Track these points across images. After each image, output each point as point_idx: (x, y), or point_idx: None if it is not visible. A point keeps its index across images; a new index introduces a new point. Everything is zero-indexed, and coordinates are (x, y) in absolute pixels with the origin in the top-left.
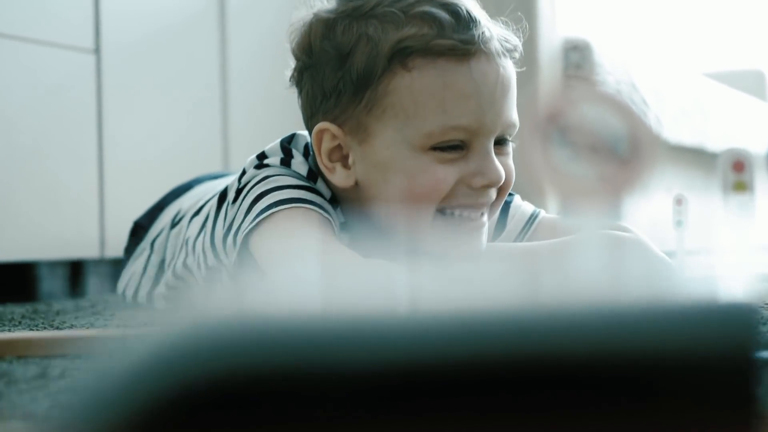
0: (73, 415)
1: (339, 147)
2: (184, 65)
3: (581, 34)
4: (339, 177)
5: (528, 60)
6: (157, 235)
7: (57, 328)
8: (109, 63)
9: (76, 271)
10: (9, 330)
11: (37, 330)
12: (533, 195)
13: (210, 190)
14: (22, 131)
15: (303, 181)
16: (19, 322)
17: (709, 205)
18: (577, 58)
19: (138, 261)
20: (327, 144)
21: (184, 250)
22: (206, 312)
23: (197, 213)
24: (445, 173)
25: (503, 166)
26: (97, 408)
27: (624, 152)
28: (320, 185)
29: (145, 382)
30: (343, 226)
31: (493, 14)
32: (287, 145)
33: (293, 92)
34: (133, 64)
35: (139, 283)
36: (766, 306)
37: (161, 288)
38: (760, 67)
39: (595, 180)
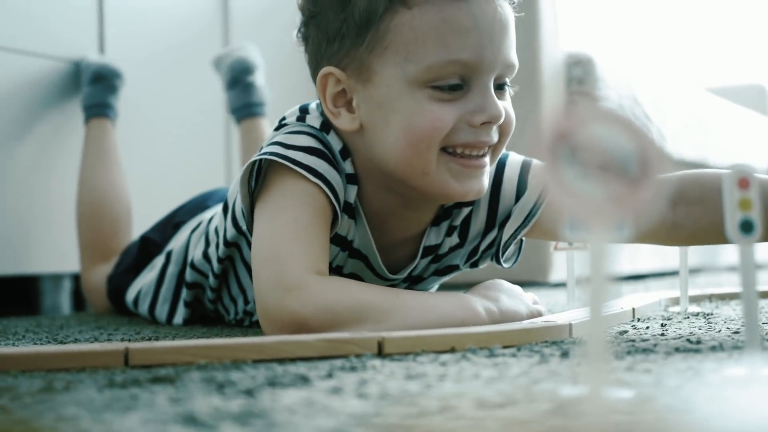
0: None
1: (343, 92)
2: (187, 82)
3: (584, 49)
4: (344, 121)
5: (530, 75)
6: (174, 247)
7: (61, 342)
8: None
9: (79, 285)
10: (13, 344)
11: (41, 344)
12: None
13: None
14: (26, 145)
15: (316, 137)
16: (23, 336)
17: None
18: (579, 72)
19: (151, 273)
20: (331, 89)
21: (203, 242)
22: None
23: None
24: (443, 112)
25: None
26: None
27: (633, 171)
28: (332, 137)
29: None
30: (350, 178)
31: None
32: (304, 105)
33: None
34: (136, 81)
35: (155, 293)
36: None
37: (183, 294)
38: (761, 81)
39: (604, 198)
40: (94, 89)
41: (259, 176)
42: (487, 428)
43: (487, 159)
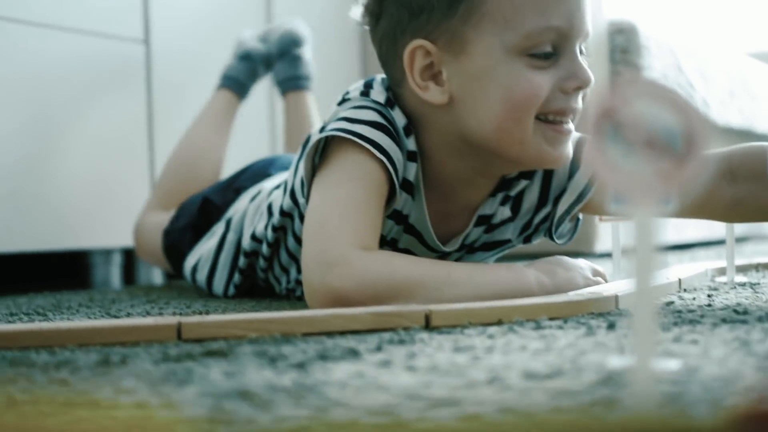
0: None
1: (430, 65)
2: (232, 54)
3: (627, 16)
4: (433, 94)
5: None
6: (233, 215)
7: (114, 316)
8: (159, 53)
9: (128, 260)
10: (68, 318)
11: (95, 318)
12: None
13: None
14: (74, 122)
15: (380, 112)
16: (77, 311)
17: None
18: (622, 41)
19: (211, 240)
20: (420, 62)
21: (266, 215)
22: None
23: (278, 186)
24: (541, 79)
25: None
26: None
27: (679, 148)
28: (396, 113)
29: None
30: (411, 156)
31: None
32: (368, 80)
33: (337, 82)
34: (182, 54)
35: (215, 261)
36: None
37: (240, 261)
38: None
39: (650, 175)
40: (237, 65)
41: (325, 151)
42: (535, 399)
43: (572, 125)
